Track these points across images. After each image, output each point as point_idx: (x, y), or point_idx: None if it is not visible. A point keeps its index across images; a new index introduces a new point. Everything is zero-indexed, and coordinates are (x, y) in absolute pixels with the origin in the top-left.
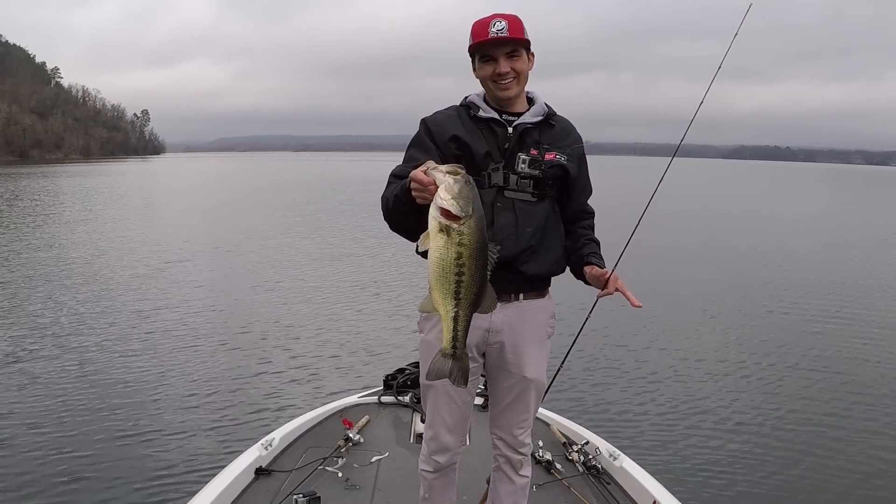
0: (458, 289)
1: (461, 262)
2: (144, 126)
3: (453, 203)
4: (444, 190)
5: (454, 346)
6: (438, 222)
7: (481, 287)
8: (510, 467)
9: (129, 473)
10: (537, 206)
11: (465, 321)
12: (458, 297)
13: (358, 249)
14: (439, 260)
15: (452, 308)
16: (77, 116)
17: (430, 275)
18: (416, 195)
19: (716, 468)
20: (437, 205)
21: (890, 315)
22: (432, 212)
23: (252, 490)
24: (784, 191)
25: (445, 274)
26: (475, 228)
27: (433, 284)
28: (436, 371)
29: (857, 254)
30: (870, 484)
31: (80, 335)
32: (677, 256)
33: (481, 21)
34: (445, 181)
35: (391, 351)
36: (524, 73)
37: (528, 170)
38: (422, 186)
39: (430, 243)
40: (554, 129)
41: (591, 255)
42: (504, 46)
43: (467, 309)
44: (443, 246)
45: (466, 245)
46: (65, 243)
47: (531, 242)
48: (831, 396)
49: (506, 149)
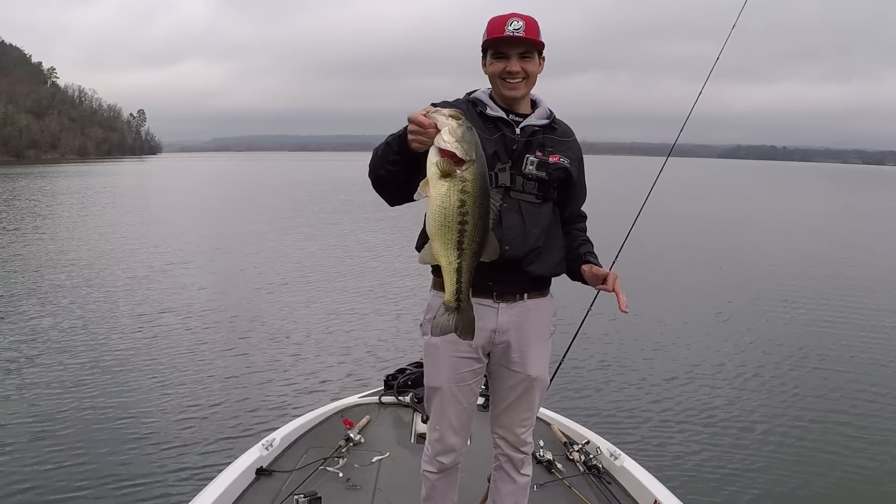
0: (462, 238)
1: (464, 209)
2: (141, 126)
3: (457, 146)
4: (447, 132)
5: (458, 298)
6: (440, 167)
7: (484, 237)
8: (511, 466)
9: (131, 473)
10: (542, 207)
11: (469, 272)
12: (461, 246)
13: (358, 250)
14: (441, 208)
15: (455, 259)
16: (73, 116)
17: (430, 224)
18: (412, 139)
19: (717, 468)
20: (440, 147)
21: (892, 314)
22: (432, 157)
23: (253, 490)
24: (781, 190)
25: (448, 223)
26: (478, 174)
27: (434, 234)
28: (440, 326)
29: (859, 253)
30: (872, 484)
31: (80, 335)
32: (677, 256)
33: (499, 18)
34: (449, 123)
35: (392, 351)
36: (534, 75)
37: (535, 172)
38: (421, 129)
39: (430, 190)
40: (556, 133)
41: (588, 254)
42: (518, 46)
43: (471, 259)
44: (445, 193)
45: (470, 192)
46: (64, 244)
47: (538, 243)
48: (833, 396)
49: (513, 150)
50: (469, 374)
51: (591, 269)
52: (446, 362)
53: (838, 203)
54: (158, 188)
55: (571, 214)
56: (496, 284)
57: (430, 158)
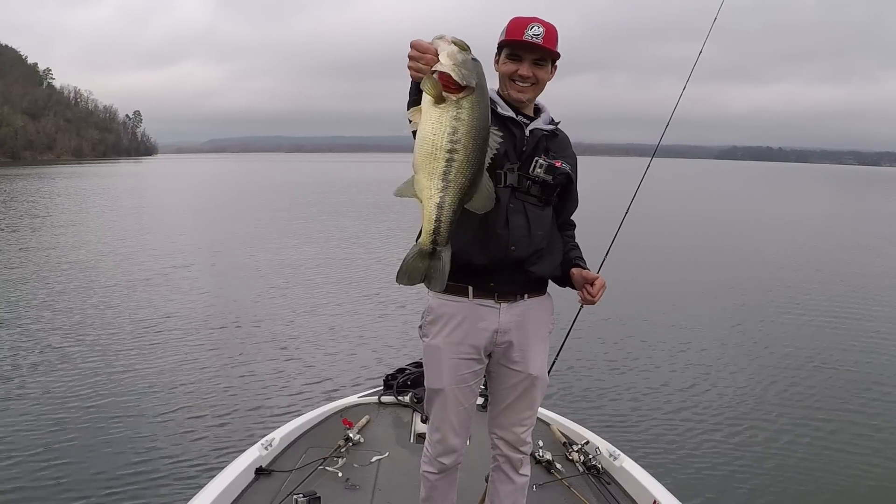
0: (448, 169)
1: (455, 137)
2: (136, 127)
3: (455, 69)
4: (445, 56)
5: (434, 240)
6: (433, 92)
7: (476, 174)
8: (510, 467)
9: (131, 473)
10: (545, 210)
11: (452, 210)
12: (446, 178)
13: (358, 250)
14: (429, 135)
15: (438, 192)
16: (69, 117)
17: (415, 154)
18: (411, 65)
19: (716, 468)
20: (437, 69)
21: (891, 313)
22: (425, 82)
23: (252, 490)
24: (779, 191)
25: (434, 150)
26: (476, 105)
27: (418, 164)
28: (409, 272)
29: (860, 255)
30: (873, 483)
31: (79, 336)
32: (676, 256)
33: (520, 20)
34: (449, 48)
35: (391, 351)
36: (543, 82)
37: (543, 175)
38: (419, 53)
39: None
40: (558, 139)
41: (578, 258)
42: (534, 52)
43: (455, 195)
44: (435, 119)
45: (464, 120)
46: (63, 245)
47: (542, 245)
48: (834, 395)
49: (522, 151)
50: (470, 375)
51: (581, 272)
52: (448, 364)
53: (839, 204)
54: (157, 190)
55: (563, 221)
56: (497, 285)
57: (423, 83)
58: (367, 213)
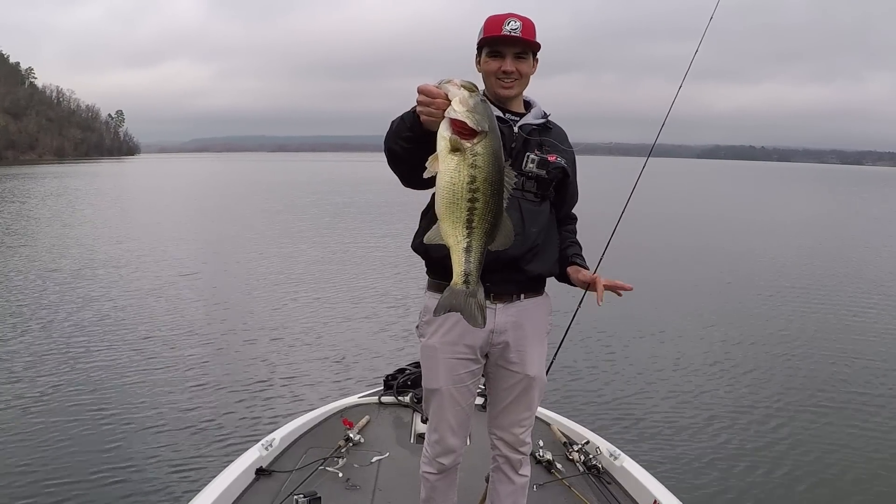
0: (471, 216)
1: (475, 186)
2: (119, 127)
3: (469, 115)
4: (458, 102)
5: (466, 280)
6: (449, 140)
7: (496, 216)
8: (510, 467)
9: (131, 473)
10: (540, 206)
11: (479, 253)
12: (470, 225)
13: (358, 251)
14: (449, 184)
15: (464, 238)
16: (51, 117)
17: (438, 203)
18: (421, 111)
19: (717, 468)
20: (450, 117)
21: (889, 312)
22: (442, 129)
23: (252, 490)
24: (763, 190)
25: (456, 200)
26: (491, 149)
27: (442, 213)
28: (446, 306)
29: (856, 254)
30: (873, 483)
31: (79, 337)
32: (675, 257)
33: (496, 17)
34: (460, 94)
35: (391, 351)
36: (527, 75)
37: (536, 170)
38: (430, 98)
39: (439, 166)
40: (551, 133)
41: (575, 256)
42: (514, 46)
43: (481, 239)
44: (454, 168)
45: (481, 167)
46: (63, 247)
47: (537, 242)
48: (834, 395)
49: (512, 147)
50: (467, 375)
51: (578, 272)
52: (444, 364)
53: (826, 202)
54: (149, 191)
55: (564, 216)
56: (493, 286)
57: (440, 131)
58: (366, 214)
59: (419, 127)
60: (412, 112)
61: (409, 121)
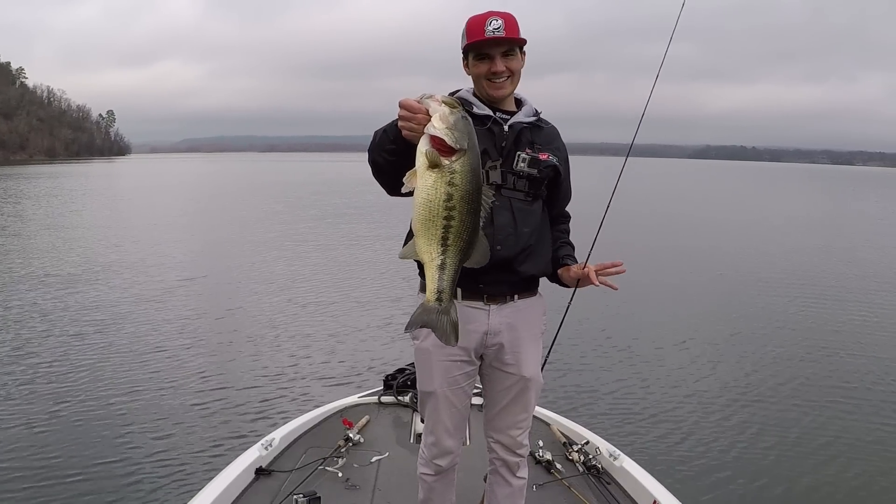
0: (447, 234)
1: (451, 204)
2: (110, 127)
3: (448, 133)
4: (437, 119)
5: (439, 298)
6: (428, 156)
7: (472, 234)
8: (507, 470)
9: (131, 474)
10: (532, 205)
11: (453, 270)
12: (445, 243)
13: (357, 251)
14: (426, 201)
15: (438, 255)
16: (42, 117)
17: (414, 219)
18: (402, 125)
19: (717, 468)
20: (429, 133)
21: (888, 312)
22: (422, 145)
23: (252, 490)
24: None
25: (432, 217)
26: (469, 167)
27: (418, 229)
28: (419, 322)
29: (850, 252)
30: (874, 483)
31: (78, 336)
32: (673, 257)
33: (476, 19)
34: (440, 110)
35: (391, 351)
36: (518, 72)
37: (527, 169)
38: (411, 113)
39: (416, 181)
40: (543, 131)
41: (567, 256)
42: (500, 45)
43: (455, 256)
44: (431, 185)
45: (458, 185)
46: (60, 248)
47: (529, 242)
48: (834, 395)
49: (503, 147)
50: (461, 376)
51: (568, 270)
52: (438, 367)
53: (818, 201)
54: (144, 191)
55: (557, 214)
56: (486, 287)
57: (418, 147)
58: (366, 214)
59: (401, 140)
60: (395, 124)
61: (392, 133)
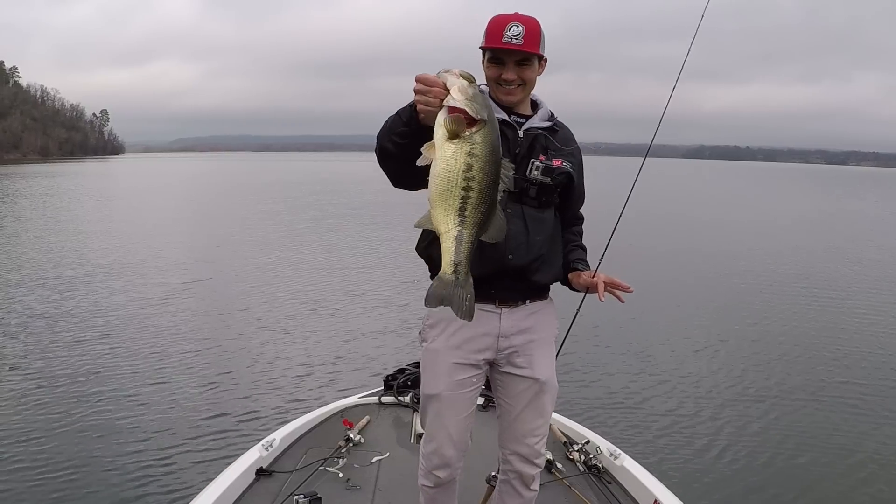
0: (465, 205)
1: (470, 174)
2: (104, 126)
3: (468, 104)
4: (457, 91)
5: (455, 270)
6: (448, 126)
7: (490, 207)
8: (521, 483)
9: (131, 474)
10: (544, 213)
11: (470, 242)
12: (463, 214)
13: (358, 251)
14: (445, 171)
15: (455, 226)
16: (35, 116)
17: (431, 189)
18: (419, 100)
19: (717, 467)
20: (449, 105)
21: (888, 310)
22: (440, 118)
23: (253, 491)
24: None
25: (451, 187)
26: (489, 138)
27: (435, 200)
28: (436, 296)
29: (849, 251)
30: (874, 483)
31: (78, 336)
32: (672, 257)
33: (498, 20)
34: (459, 83)
35: (391, 351)
36: (532, 81)
37: (540, 177)
38: (427, 87)
39: (435, 153)
40: (558, 135)
41: (578, 261)
42: (515, 54)
43: (472, 229)
44: (451, 154)
45: (478, 156)
46: (60, 251)
47: (542, 251)
48: (834, 395)
49: (517, 153)
50: (468, 381)
51: (578, 276)
52: (445, 368)
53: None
54: (141, 191)
55: (570, 216)
56: (497, 292)
57: (437, 119)
58: (366, 214)
59: (415, 121)
60: (409, 106)
61: (406, 115)
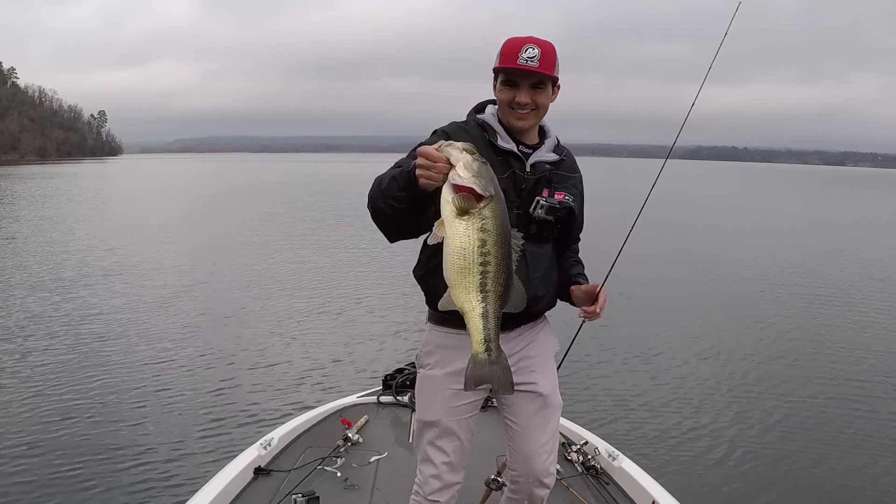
0: (485, 280)
1: (485, 249)
2: (101, 127)
3: (475, 181)
4: (462, 167)
5: (487, 348)
6: (457, 204)
7: (508, 278)
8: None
9: (130, 473)
10: (544, 248)
11: (496, 317)
12: (484, 289)
13: (357, 251)
14: (460, 249)
15: (480, 304)
16: (33, 117)
17: (448, 269)
18: (421, 174)
19: (715, 468)
20: (454, 183)
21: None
22: (447, 194)
23: (251, 490)
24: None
25: (468, 265)
26: (499, 210)
27: (454, 280)
28: (475, 378)
29: (854, 254)
30: (871, 483)
31: (77, 335)
32: (672, 259)
33: (513, 43)
34: (463, 158)
35: (390, 351)
36: (545, 106)
37: (544, 216)
38: (430, 162)
39: (445, 230)
40: (563, 166)
41: (579, 275)
42: (530, 77)
43: (496, 303)
44: (463, 232)
45: (490, 230)
46: (59, 251)
47: (539, 289)
48: (833, 396)
49: (522, 189)
50: (467, 406)
51: (580, 288)
52: (443, 395)
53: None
54: (142, 192)
55: (566, 244)
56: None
57: (444, 196)
58: (367, 215)
59: (413, 187)
60: (407, 172)
61: (404, 181)
